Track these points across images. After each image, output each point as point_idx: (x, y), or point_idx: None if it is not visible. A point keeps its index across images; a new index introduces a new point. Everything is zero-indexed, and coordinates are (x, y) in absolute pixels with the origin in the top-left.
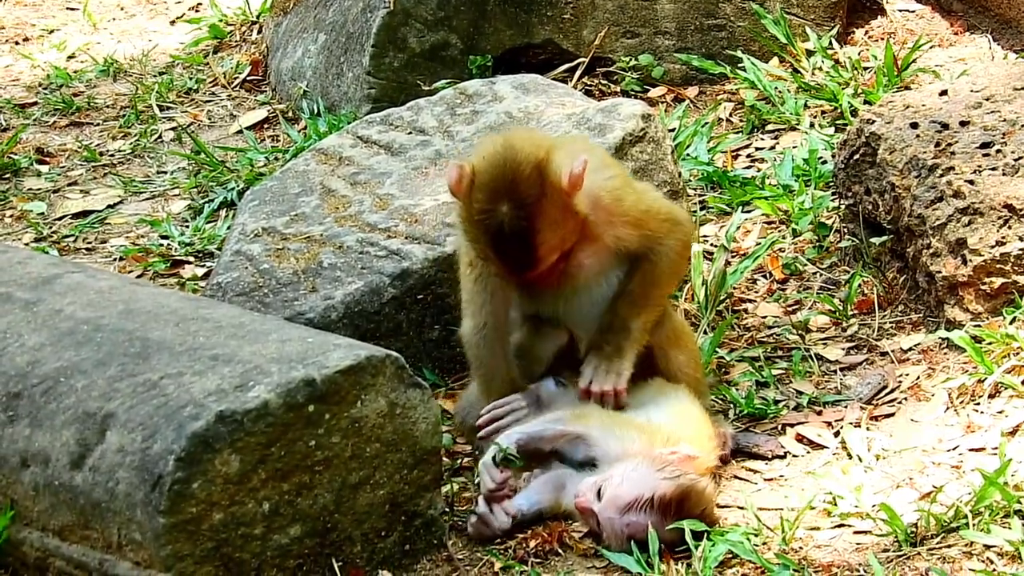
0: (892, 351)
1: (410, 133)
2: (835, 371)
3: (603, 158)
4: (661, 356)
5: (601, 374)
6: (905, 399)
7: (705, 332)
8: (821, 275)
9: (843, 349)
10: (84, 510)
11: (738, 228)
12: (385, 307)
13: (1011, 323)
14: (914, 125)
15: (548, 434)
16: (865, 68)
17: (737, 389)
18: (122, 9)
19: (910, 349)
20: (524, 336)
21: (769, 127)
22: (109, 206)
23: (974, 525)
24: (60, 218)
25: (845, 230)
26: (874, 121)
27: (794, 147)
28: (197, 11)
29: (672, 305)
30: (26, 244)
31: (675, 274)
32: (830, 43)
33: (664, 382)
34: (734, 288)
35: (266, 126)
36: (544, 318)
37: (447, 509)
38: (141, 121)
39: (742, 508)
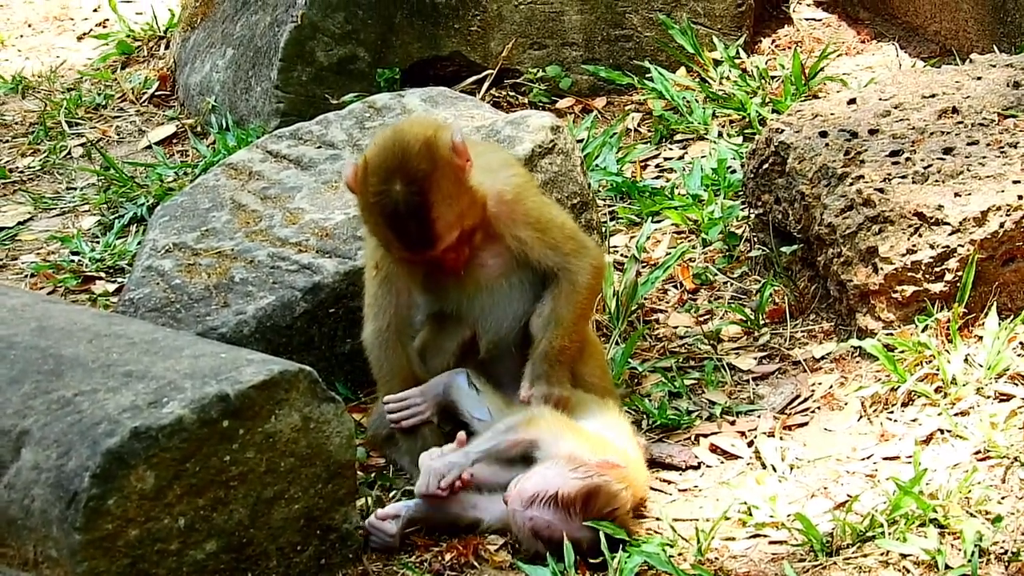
0: (804, 360)
1: (319, 147)
2: (747, 381)
3: (507, 159)
4: (572, 369)
5: (543, 403)
6: (818, 408)
7: (617, 343)
8: (732, 284)
9: (755, 359)
10: (0, 528)
11: (648, 238)
12: (297, 321)
13: (923, 331)
14: (823, 134)
15: (503, 446)
16: (773, 77)
17: (650, 400)
18: (30, 26)
19: (822, 358)
20: (428, 332)
21: (677, 137)
22: (19, 223)
23: (890, 534)
24: None
25: (755, 239)
26: (783, 130)
27: (703, 157)
28: (104, 27)
29: None
30: None
31: (592, 299)
32: (737, 52)
33: (598, 399)
34: (645, 299)
35: (175, 141)
36: (447, 314)
37: (362, 523)
38: (50, 137)
39: (657, 519)
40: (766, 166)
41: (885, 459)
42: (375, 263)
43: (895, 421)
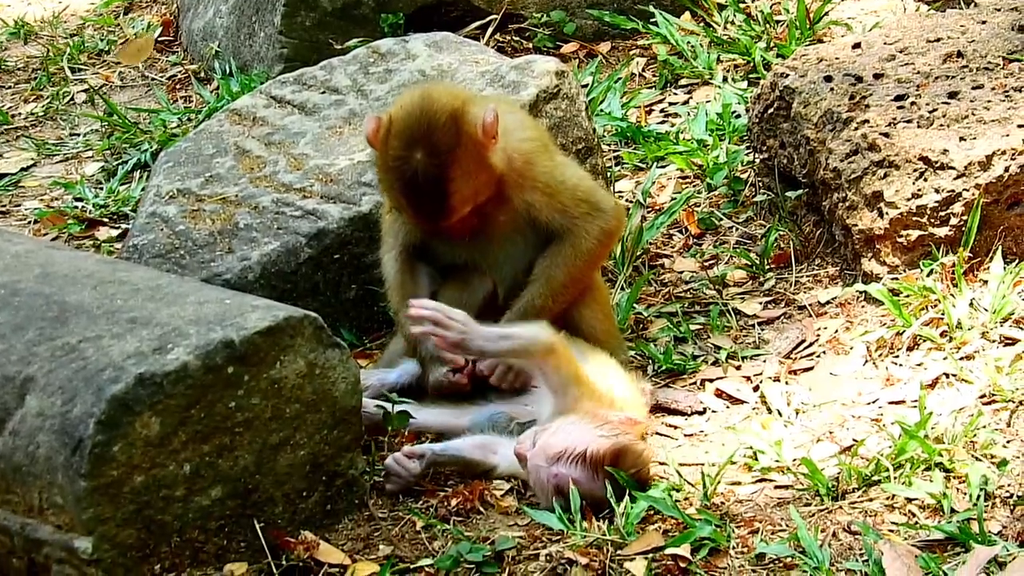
0: (810, 305)
1: (324, 92)
2: (753, 325)
3: (522, 120)
4: (573, 312)
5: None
6: (824, 353)
7: (622, 288)
8: (737, 229)
9: (760, 303)
10: (5, 474)
11: (653, 183)
12: (302, 267)
13: (928, 275)
14: (828, 78)
15: (502, 346)
16: (777, 21)
17: (655, 345)
18: None
19: (828, 303)
20: (453, 289)
21: (682, 82)
22: (22, 169)
23: (895, 478)
24: None
25: (760, 184)
26: (788, 75)
27: (707, 102)
28: None
29: None
30: None
31: (593, 263)
32: None
33: (580, 342)
34: (650, 244)
35: (178, 87)
36: (463, 266)
37: (368, 468)
38: (53, 83)
39: (663, 464)
40: (771, 111)
41: (890, 403)
42: (389, 208)
43: (900, 365)
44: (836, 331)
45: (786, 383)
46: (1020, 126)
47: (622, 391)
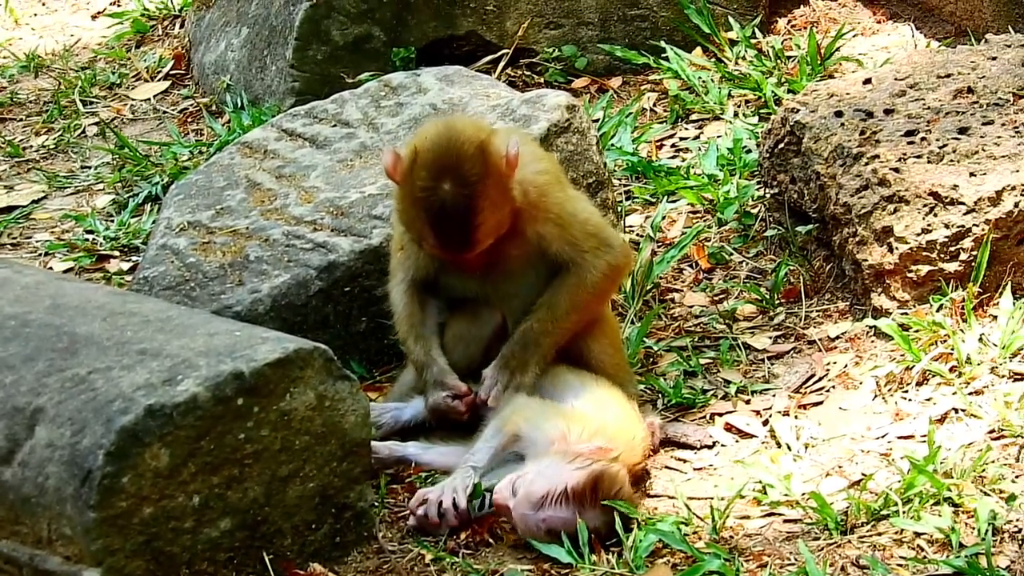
0: (819, 339)
1: (335, 126)
2: (763, 360)
3: (536, 152)
4: (582, 345)
5: (500, 389)
6: (833, 387)
7: (632, 322)
8: (747, 264)
9: (770, 338)
10: (14, 505)
11: (663, 218)
12: (312, 300)
13: (938, 310)
14: (839, 114)
15: (497, 450)
16: (788, 57)
17: (665, 379)
18: (44, 4)
19: (837, 337)
20: (462, 322)
21: (693, 117)
22: (33, 201)
23: (904, 513)
24: None
25: (771, 219)
26: (799, 110)
27: (718, 136)
28: (119, 5)
29: None
30: None
31: (599, 297)
32: (753, 32)
33: (582, 371)
34: (660, 278)
35: (189, 120)
36: (473, 300)
37: (377, 501)
38: (64, 116)
39: (672, 498)
40: (782, 146)
41: (899, 438)
42: (401, 245)
43: (910, 400)
44: (846, 366)
45: (795, 417)
46: None
47: (612, 418)
